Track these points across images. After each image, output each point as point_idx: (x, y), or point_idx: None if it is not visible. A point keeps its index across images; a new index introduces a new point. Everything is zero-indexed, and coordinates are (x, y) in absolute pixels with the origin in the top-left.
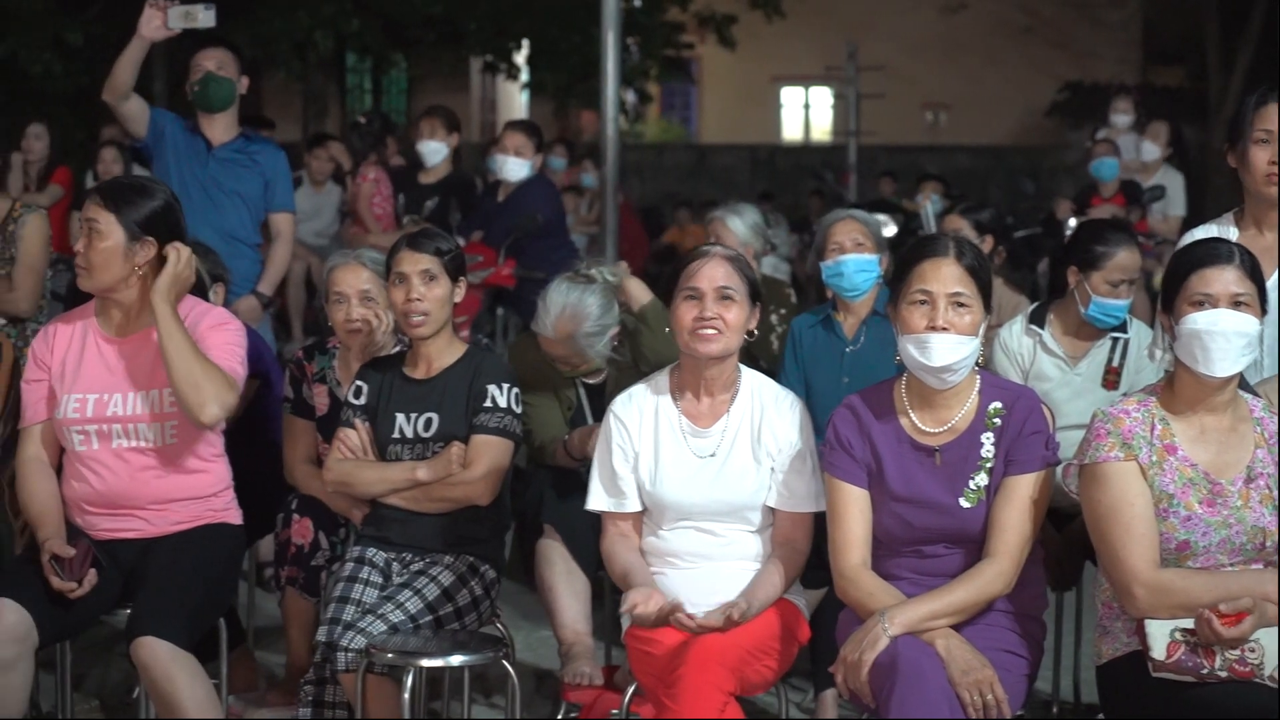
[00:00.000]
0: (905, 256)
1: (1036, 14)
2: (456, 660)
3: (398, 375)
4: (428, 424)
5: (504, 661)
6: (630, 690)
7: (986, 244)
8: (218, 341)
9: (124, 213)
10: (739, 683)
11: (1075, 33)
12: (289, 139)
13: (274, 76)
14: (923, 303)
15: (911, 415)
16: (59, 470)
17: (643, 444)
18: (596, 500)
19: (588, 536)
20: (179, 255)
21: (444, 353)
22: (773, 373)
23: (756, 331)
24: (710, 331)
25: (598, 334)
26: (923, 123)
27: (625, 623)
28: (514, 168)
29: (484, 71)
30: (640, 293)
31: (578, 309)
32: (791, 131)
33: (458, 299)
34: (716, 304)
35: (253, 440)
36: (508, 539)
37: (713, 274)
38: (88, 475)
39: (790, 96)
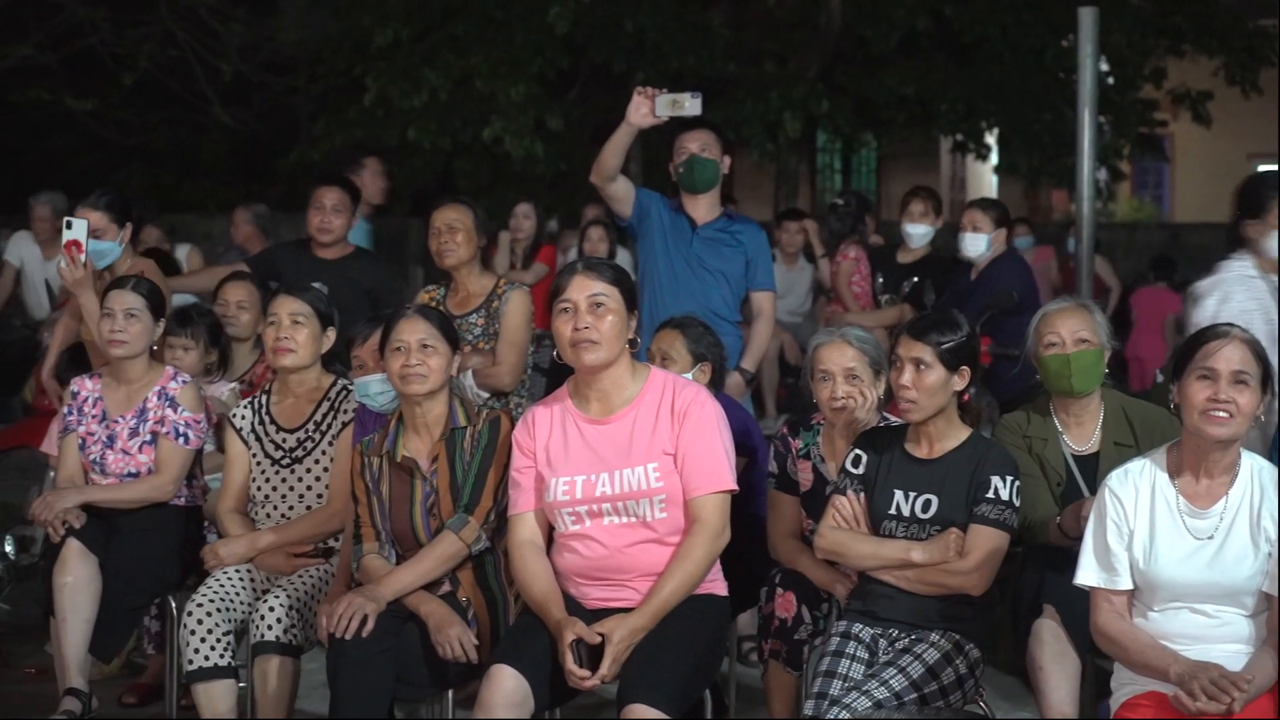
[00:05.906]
0: None
1: None
2: None
3: (899, 450)
4: (926, 505)
5: None
6: None
7: None
8: (711, 445)
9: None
10: None
11: None
12: (761, 219)
13: (745, 157)
14: None
15: None
16: (549, 542)
17: (1138, 522)
18: (1087, 575)
19: (1085, 618)
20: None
21: (946, 434)
22: None
23: (1264, 418)
24: (1222, 415)
25: None
26: None
27: (1114, 705)
28: (969, 242)
29: (953, 151)
30: None
31: None
32: None
33: (957, 386)
34: (1231, 387)
35: (738, 514)
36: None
37: (1230, 355)
38: (580, 549)
39: None
